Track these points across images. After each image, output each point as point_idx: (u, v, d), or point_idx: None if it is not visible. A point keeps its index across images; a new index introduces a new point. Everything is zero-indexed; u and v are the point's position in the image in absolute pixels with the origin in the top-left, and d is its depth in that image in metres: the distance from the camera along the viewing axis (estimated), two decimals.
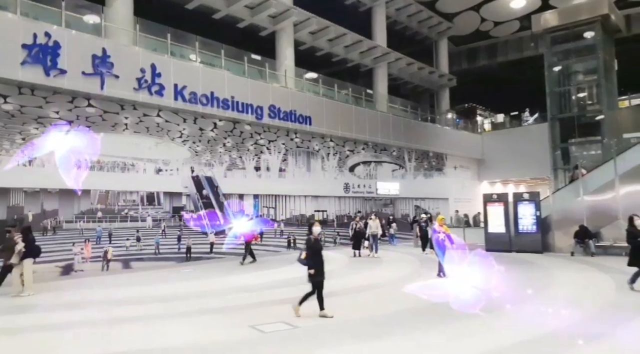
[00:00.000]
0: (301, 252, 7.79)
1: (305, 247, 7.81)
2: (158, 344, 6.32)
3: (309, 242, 7.76)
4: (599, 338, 6.12)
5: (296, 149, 20.67)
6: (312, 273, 7.42)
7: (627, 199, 15.55)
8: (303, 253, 7.71)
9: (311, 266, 7.46)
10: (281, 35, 22.79)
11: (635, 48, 30.44)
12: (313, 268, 7.42)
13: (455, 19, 31.62)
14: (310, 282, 7.54)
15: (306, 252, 7.63)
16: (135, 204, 15.56)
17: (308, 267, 7.52)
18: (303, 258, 7.67)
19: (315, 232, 13.21)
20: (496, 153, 31.05)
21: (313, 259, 7.52)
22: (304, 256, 7.65)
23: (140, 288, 11.13)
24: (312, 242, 7.71)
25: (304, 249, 7.83)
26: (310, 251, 7.61)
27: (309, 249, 7.66)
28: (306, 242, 7.84)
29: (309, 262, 7.54)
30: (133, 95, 14.68)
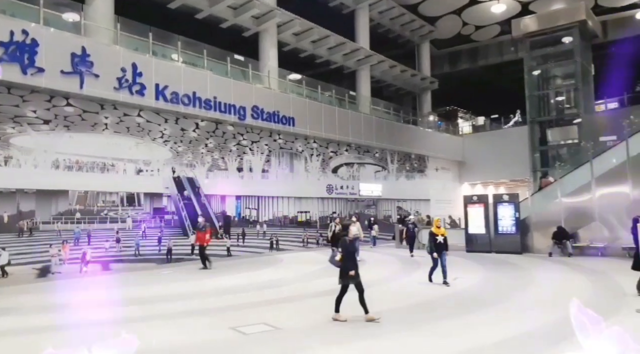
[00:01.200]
0: (335, 254, 7.48)
1: (340, 249, 7.45)
2: (137, 346, 6.23)
3: (345, 244, 7.45)
4: (575, 337, 6.25)
5: (279, 150, 20.64)
6: (352, 274, 7.16)
7: (603, 200, 15.93)
8: (338, 255, 7.37)
9: (349, 268, 7.20)
10: (264, 36, 22.75)
11: (611, 53, 31.21)
12: (352, 270, 7.17)
13: (438, 23, 31.97)
14: (342, 284, 7.29)
15: (342, 254, 7.32)
16: (115, 205, 15.34)
17: (343, 269, 7.25)
18: (338, 260, 7.33)
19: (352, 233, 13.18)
20: (477, 155, 31.48)
21: (350, 261, 7.28)
22: (340, 257, 7.32)
23: (120, 289, 10.97)
24: (347, 244, 7.44)
25: (338, 251, 7.47)
26: (345, 253, 7.32)
27: (345, 250, 7.34)
28: (341, 243, 7.51)
29: (345, 265, 7.24)
30: (113, 94, 14.47)
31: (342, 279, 7.30)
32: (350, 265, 7.24)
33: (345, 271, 7.23)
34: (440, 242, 10.50)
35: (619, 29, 29.67)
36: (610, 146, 17.85)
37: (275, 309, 8.48)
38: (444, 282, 10.36)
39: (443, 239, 10.55)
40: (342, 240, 7.58)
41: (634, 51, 31.50)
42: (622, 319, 7.05)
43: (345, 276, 7.23)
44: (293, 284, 11.39)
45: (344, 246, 7.44)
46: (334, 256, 7.45)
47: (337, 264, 7.39)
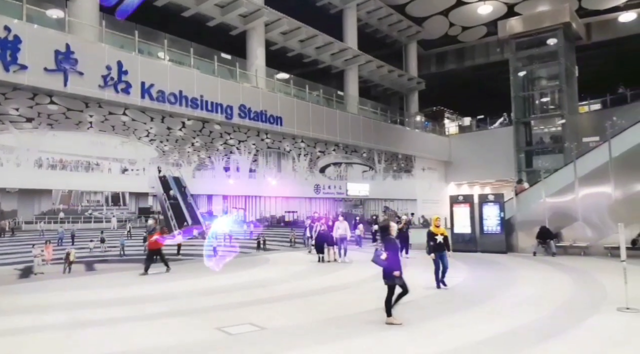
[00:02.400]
0: (380, 253, 7.12)
1: (383, 248, 7.16)
2: (122, 348, 6.18)
3: (390, 243, 7.19)
4: (557, 335, 6.34)
5: (267, 149, 20.58)
6: (397, 274, 6.94)
7: (586, 201, 16.15)
8: (383, 254, 7.05)
9: (395, 268, 6.96)
10: (252, 35, 22.67)
11: (594, 55, 31.72)
12: (397, 270, 6.96)
13: (425, 23, 32.17)
14: (388, 284, 7.08)
15: (387, 254, 7.03)
16: (100, 205, 15.18)
17: (388, 268, 7.00)
18: (383, 259, 7.04)
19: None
20: (463, 155, 31.75)
21: (395, 261, 7.02)
22: (384, 257, 7.02)
23: (104, 290, 10.84)
24: (392, 243, 7.19)
25: (382, 250, 7.15)
26: (390, 252, 7.05)
27: (389, 250, 7.08)
28: (385, 243, 7.22)
29: (390, 264, 6.98)
30: (98, 92, 14.32)
31: (387, 280, 7.06)
32: (395, 265, 6.99)
33: (390, 270, 6.98)
34: (440, 242, 9.97)
35: (602, 31, 30.16)
36: (593, 147, 18.11)
37: (261, 309, 8.45)
38: (443, 283, 10.00)
39: (443, 239, 10.02)
40: (387, 239, 7.26)
41: (617, 53, 32.09)
42: (603, 317, 7.18)
43: (390, 276, 7.00)
44: (279, 284, 11.37)
45: (388, 245, 7.17)
46: (379, 255, 7.11)
47: (382, 264, 7.07)
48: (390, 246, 7.12)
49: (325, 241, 15.49)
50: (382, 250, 7.15)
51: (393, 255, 7.02)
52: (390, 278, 7.01)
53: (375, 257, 7.19)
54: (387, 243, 7.20)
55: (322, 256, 15.40)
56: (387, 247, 7.12)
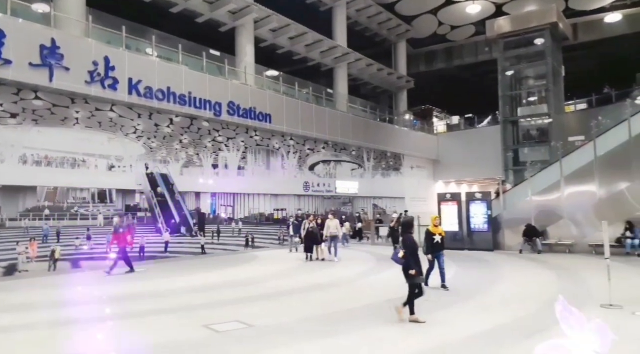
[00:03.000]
0: (398, 251, 7.08)
1: (402, 246, 7.11)
2: (107, 346, 6.14)
3: (409, 241, 7.09)
4: (542, 331, 6.42)
5: (255, 146, 20.53)
6: (413, 273, 6.89)
7: (571, 199, 16.37)
8: (400, 252, 7.01)
9: (412, 266, 6.90)
10: (241, 32, 22.56)
11: (580, 55, 32.11)
12: (415, 269, 6.90)
13: (414, 22, 32.27)
14: (409, 283, 7.02)
15: (404, 252, 6.97)
16: (86, 202, 15.00)
17: (406, 267, 6.96)
18: (401, 257, 7.00)
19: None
20: (451, 154, 31.97)
21: (414, 259, 6.96)
22: (402, 255, 6.98)
23: (89, 288, 10.75)
24: (411, 241, 7.10)
25: (401, 248, 7.10)
26: (409, 251, 6.99)
27: (408, 248, 7.00)
28: (404, 241, 7.14)
29: (409, 263, 6.92)
30: (84, 88, 14.15)
31: (408, 278, 7.01)
32: (414, 264, 6.93)
33: (408, 268, 6.93)
34: (438, 242, 9.63)
35: (588, 31, 30.52)
36: (579, 146, 18.35)
37: (249, 306, 8.45)
38: (442, 285, 9.61)
39: (441, 239, 9.67)
40: (406, 237, 7.19)
41: (602, 54, 32.52)
42: (586, 313, 7.27)
43: (409, 274, 6.96)
44: (267, 281, 11.36)
45: (407, 243, 7.09)
46: (397, 253, 7.08)
47: (400, 262, 7.05)
48: (409, 245, 7.05)
49: (314, 240, 15.19)
50: (401, 248, 7.09)
51: (412, 254, 6.96)
52: (410, 276, 6.97)
53: (394, 256, 7.17)
54: (406, 241, 7.12)
55: (310, 255, 15.12)
56: (406, 246, 7.05)
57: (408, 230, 7.28)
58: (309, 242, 15.19)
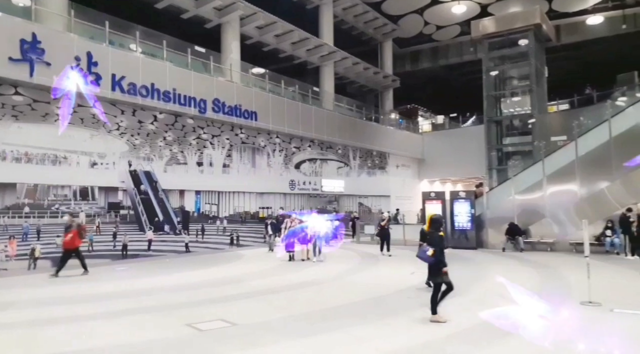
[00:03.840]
0: (427, 249, 6.91)
1: (428, 243, 7.02)
2: (88, 345, 6.04)
3: (437, 239, 7.00)
4: (523, 328, 6.51)
5: (241, 144, 20.41)
6: (446, 271, 6.82)
7: (553, 198, 16.63)
8: (430, 250, 6.85)
9: (442, 264, 6.84)
10: (227, 29, 22.39)
11: (563, 57, 32.58)
12: (444, 267, 6.83)
13: (400, 21, 32.39)
14: (434, 282, 6.99)
15: (433, 250, 6.84)
16: (67, 199, 14.74)
17: (434, 265, 6.89)
18: (430, 255, 6.84)
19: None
20: (436, 153, 32.20)
21: (442, 258, 6.89)
22: (432, 253, 6.83)
23: (70, 286, 10.59)
24: (439, 240, 7.00)
25: (428, 246, 6.97)
26: (437, 249, 6.88)
27: (437, 246, 6.90)
28: (433, 239, 7.02)
29: (438, 261, 6.85)
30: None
31: (433, 277, 6.95)
32: (442, 262, 6.85)
33: (438, 267, 6.85)
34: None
35: (570, 33, 30.97)
36: (561, 146, 18.63)
37: (233, 305, 8.41)
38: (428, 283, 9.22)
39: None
40: (435, 235, 7.07)
41: (584, 55, 33.04)
42: (567, 310, 7.40)
43: (437, 273, 6.87)
44: (252, 280, 11.32)
45: (436, 241, 6.99)
46: (425, 251, 6.91)
47: (428, 260, 6.92)
48: (439, 243, 6.96)
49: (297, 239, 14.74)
50: (428, 246, 6.96)
51: (441, 252, 6.88)
52: (437, 275, 6.89)
53: (421, 253, 7.02)
54: (435, 239, 7.01)
55: (293, 255, 14.82)
56: (435, 244, 6.94)
57: (437, 228, 7.16)
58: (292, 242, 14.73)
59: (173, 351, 5.83)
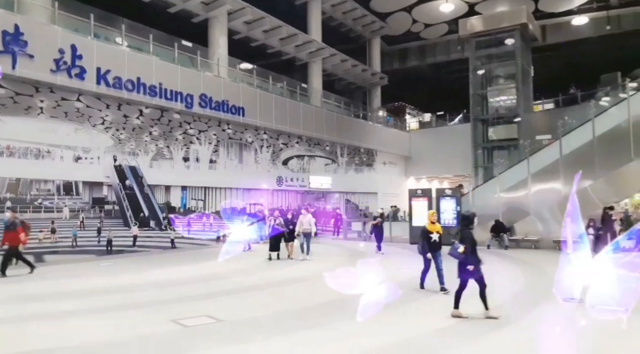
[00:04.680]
0: (458, 245, 6.82)
1: (460, 240, 6.91)
2: (72, 341, 5.97)
3: (470, 236, 6.91)
4: (506, 325, 6.58)
5: (228, 140, 20.29)
6: (471, 269, 6.75)
7: (538, 196, 16.85)
8: (461, 247, 6.77)
9: (472, 262, 6.77)
10: (214, 23, 22.22)
11: (549, 56, 32.95)
12: (474, 265, 6.77)
13: (388, 19, 32.44)
14: (462, 279, 6.93)
15: (465, 247, 6.76)
16: (51, 194, 14.52)
17: (464, 262, 6.82)
18: (461, 253, 6.77)
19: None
20: (422, 151, 32.39)
21: (474, 255, 6.82)
22: (463, 250, 6.76)
23: (54, 282, 10.45)
24: (471, 237, 6.91)
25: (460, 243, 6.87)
26: (470, 246, 6.81)
27: (469, 243, 6.82)
28: (465, 236, 6.92)
29: (469, 258, 6.78)
30: (50, 77, 13.69)
31: (462, 274, 6.92)
32: (474, 260, 6.81)
33: (467, 264, 6.81)
34: (436, 241, 8.93)
35: (556, 33, 31.33)
36: (546, 145, 18.87)
37: (219, 301, 8.37)
38: (442, 289, 8.84)
39: (439, 238, 8.95)
40: (466, 232, 7.01)
41: (569, 55, 33.47)
42: (549, 306, 7.51)
43: (466, 270, 6.83)
44: (238, 276, 11.28)
45: (469, 238, 6.92)
46: (457, 248, 6.85)
47: (459, 257, 6.87)
48: (470, 240, 6.90)
49: (280, 238, 14.12)
50: (459, 243, 6.91)
51: (472, 249, 6.84)
52: (465, 272, 6.87)
53: (453, 251, 6.95)
54: (466, 236, 6.95)
55: (278, 254, 14.11)
56: (466, 241, 6.87)
57: (467, 225, 7.15)
58: (275, 241, 14.06)
59: (157, 347, 5.78)
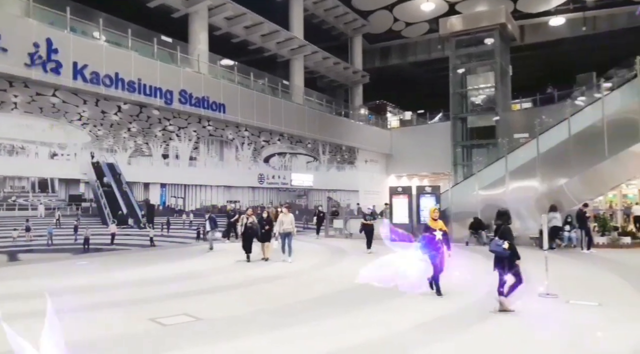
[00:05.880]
0: (500, 242, 6.98)
1: (500, 236, 7.07)
2: (47, 341, 5.83)
3: (510, 232, 7.09)
4: (484, 320, 6.69)
5: (209, 137, 20.11)
6: (519, 263, 7.00)
7: (515, 193, 17.11)
8: (505, 243, 6.92)
9: (518, 256, 7.00)
10: (194, 19, 21.96)
11: (527, 56, 33.50)
12: (519, 259, 7.00)
13: (370, 17, 32.54)
14: (514, 272, 7.03)
15: (509, 243, 6.94)
16: (25, 191, 14.18)
17: (509, 257, 6.95)
18: (507, 249, 6.91)
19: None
20: (403, 148, 32.61)
21: (516, 250, 7.03)
22: (507, 246, 6.90)
23: (28, 281, 10.22)
24: (511, 233, 7.07)
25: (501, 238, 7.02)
26: (511, 241, 6.99)
27: (510, 239, 6.99)
28: (506, 231, 7.10)
29: (512, 254, 6.94)
30: (24, 71, 13.36)
31: (513, 268, 7.04)
32: (517, 254, 7.02)
33: (509, 259, 6.96)
34: (439, 239, 8.28)
35: (534, 34, 31.85)
36: (523, 143, 19.19)
37: (198, 299, 8.30)
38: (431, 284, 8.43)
39: (442, 235, 8.27)
40: (507, 228, 7.17)
41: (547, 55, 34.08)
42: (526, 302, 7.65)
43: (511, 265, 6.98)
44: (218, 274, 11.22)
45: (510, 233, 7.11)
46: (499, 244, 6.99)
47: (504, 253, 6.97)
48: (510, 236, 7.06)
49: (254, 238, 13.35)
50: (499, 239, 7.06)
51: (512, 245, 6.99)
52: (511, 266, 6.99)
53: (495, 247, 7.07)
54: (507, 232, 7.11)
55: (248, 256, 13.21)
56: (508, 237, 7.03)
57: (505, 221, 7.28)
58: (248, 241, 13.28)
59: (137, 345, 5.71)
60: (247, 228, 13.33)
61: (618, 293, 8.51)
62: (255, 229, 13.32)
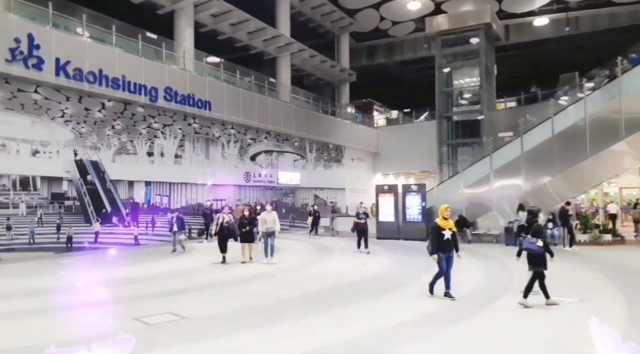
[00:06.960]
0: (533, 240, 7.13)
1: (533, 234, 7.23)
2: (31, 341, 5.76)
3: (541, 229, 7.26)
4: (468, 316, 6.76)
5: (194, 135, 19.96)
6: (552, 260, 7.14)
7: (500, 192, 17.33)
8: (539, 241, 7.08)
9: (552, 254, 7.15)
10: (180, 15, 21.77)
11: (511, 56, 33.88)
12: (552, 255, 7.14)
13: (357, 16, 32.57)
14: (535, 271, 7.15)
15: (543, 241, 7.11)
16: (6, 189, 13.94)
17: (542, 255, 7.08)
18: (541, 246, 7.07)
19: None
20: (390, 147, 32.76)
21: (549, 248, 7.16)
22: (542, 244, 7.07)
23: (9, 280, 10.06)
24: (542, 230, 7.20)
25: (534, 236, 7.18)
26: (544, 239, 7.12)
27: (542, 236, 7.17)
28: (538, 229, 7.32)
29: (545, 251, 7.09)
30: (5, 67, 13.14)
31: (536, 266, 7.14)
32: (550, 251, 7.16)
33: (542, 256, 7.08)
34: (448, 239, 7.74)
35: (518, 33, 32.20)
36: (507, 142, 19.41)
37: (182, 298, 8.25)
38: (447, 294, 7.76)
39: (452, 235, 7.80)
40: (538, 225, 7.35)
41: (531, 55, 34.51)
42: (509, 299, 7.75)
43: (543, 262, 7.10)
44: (203, 273, 11.16)
45: (541, 231, 7.30)
46: (533, 242, 7.13)
47: (539, 251, 7.08)
48: (542, 234, 7.22)
49: (230, 237, 12.60)
50: (532, 237, 7.21)
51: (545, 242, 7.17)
52: (543, 264, 7.11)
53: (529, 245, 7.20)
54: (539, 230, 7.31)
55: (224, 256, 12.43)
56: (540, 235, 7.21)
57: (534, 218, 7.63)
58: (223, 242, 12.52)
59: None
60: (223, 227, 12.48)
61: (599, 290, 8.67)
62: (232, 229, 12.51)
